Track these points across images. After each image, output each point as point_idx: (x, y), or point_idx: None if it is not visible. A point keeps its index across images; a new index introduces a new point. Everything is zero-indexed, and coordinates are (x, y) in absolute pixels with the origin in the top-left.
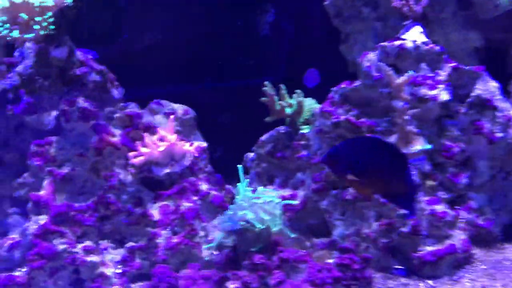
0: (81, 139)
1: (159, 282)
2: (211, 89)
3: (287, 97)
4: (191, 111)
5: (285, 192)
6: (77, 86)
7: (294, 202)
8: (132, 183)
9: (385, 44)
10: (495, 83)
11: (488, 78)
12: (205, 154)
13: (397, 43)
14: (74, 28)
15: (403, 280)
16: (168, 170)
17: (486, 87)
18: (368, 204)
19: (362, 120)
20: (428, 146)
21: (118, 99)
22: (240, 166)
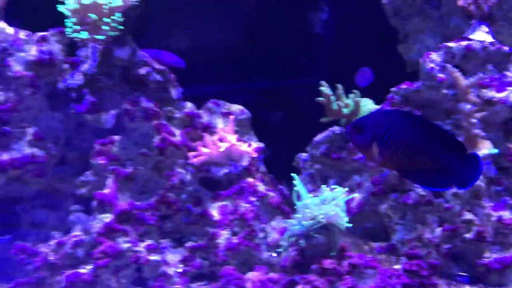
0: (143, 139)
1: (227, 284)
2: (261, 88)
3: (344, 97)
4: (247, 111)
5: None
6: (140, 86)
7: (356, 195)
8: (192, 183)
9: (451, 45)
10: None
11: None
12: (262, 155)
13: (464, 44)
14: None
15: None
16: (227, 170)
17: None
18: (431, 209)
19: None
20: (495, 151)
21: (177, 99)
22: (296, 175)
